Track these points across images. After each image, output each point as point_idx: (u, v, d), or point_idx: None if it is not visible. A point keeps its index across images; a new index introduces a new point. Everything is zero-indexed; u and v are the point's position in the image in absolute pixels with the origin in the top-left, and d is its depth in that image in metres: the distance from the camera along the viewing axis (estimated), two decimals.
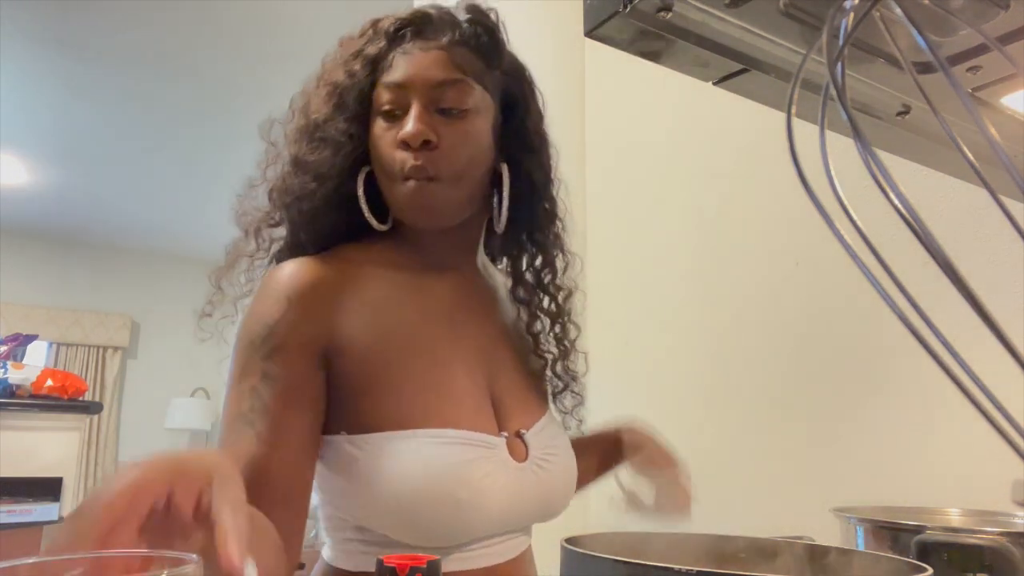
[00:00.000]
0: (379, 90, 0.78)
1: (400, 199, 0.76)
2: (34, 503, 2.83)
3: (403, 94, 0.76)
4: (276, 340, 0.71)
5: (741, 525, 1.36)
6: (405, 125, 0.74)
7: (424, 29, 0.78)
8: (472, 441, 0.73)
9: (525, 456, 0.79)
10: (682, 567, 0.39)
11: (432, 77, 0.75)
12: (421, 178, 0.74)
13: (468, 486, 0.70)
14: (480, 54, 0.79)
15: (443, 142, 0.75)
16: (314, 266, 0.75)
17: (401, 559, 0.46)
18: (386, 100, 0.77)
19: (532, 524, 0.83)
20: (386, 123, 0.77)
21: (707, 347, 1.51)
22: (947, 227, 1.08)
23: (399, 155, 0.75)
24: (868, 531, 0.75)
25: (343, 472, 0.72)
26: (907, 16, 0.39)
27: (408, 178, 0.75)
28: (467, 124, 0.76)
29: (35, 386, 2.92)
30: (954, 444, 1.05)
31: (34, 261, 5.94)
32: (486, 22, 0.81)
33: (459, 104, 0.76)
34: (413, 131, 0.73)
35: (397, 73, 0.76)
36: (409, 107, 0.75)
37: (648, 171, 1.72)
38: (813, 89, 0.46)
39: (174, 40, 3.17)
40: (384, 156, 0.76)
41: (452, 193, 0.77)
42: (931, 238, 0.31)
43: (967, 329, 0.36)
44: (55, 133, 4.15)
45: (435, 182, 0.75)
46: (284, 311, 0.72)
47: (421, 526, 0.70)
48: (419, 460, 0.69)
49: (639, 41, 0.49)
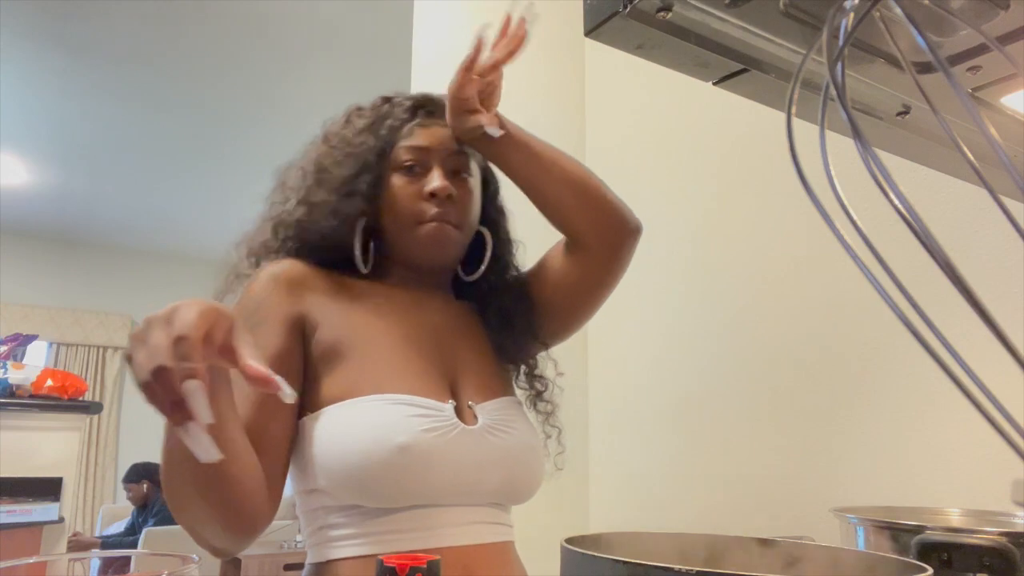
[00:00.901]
0: (398, 151, 0.92)
1: (421, 238, 0.90)
2: (34, 503, 2.83)
3: (425, 156, 0.91)
4: (263, 313, 0.83)
5: (741, 525, 1.36)
6: (431, 181, 0.90)
7: (435, 111, 0.95)
8: (417, 403, 0.80)
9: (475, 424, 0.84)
10: (682, 567, 0.38)
11: (450, 147, 0.92)
12: (443, 222, 0.89)
13: (409, 433, 0.77)
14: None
15: (459, 197, 0.91)
16: (301, 264, 0.89)
17: (401, 559, 0.46)
18: (408, 158, 0.91)
19: (497, 499, 0.85)
20: (406, 177, 0.91)
21: (707, 347, 1.51)
22: (947, 227, 1.09)
23: (423, 205, 0.90)
24: (868, 531, 0.75)
25: (307, 448, 0.80)
26: (907, 16, 0.39)
27: (432, 221, 0.89)
28: (471, 185, 0.94)
29: (35, 386, 2.92)
30: (954, 444, 1.05)
31: (34, 261, 5.94)
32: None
33: (466, 170, 0.94)
34: (443, 185, 0.89)
35: (420, 139, 0.92)
36: (429, 167, 0.91)
37: (648, 171, 1.72)
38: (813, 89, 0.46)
39: (174, 40, 3.17)
40: (407, 205, 0.90)
41: (461, 238, 0.93)
42: (931, 238, 0.31)
43: (967, 329, 0.36)
44: (55, 133, 4.15)
45: (451, 227, 0.90)
46: (272, 290, 0.85)
47: (373, 480, 0.76)
48: (365, 418, 0.78)
49: (639, 41, 0.49)
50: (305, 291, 0.87)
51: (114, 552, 0.42)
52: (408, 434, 0.77)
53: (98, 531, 4.80)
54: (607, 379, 1.74)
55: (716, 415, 1.46)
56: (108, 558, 0.44)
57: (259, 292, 0.85)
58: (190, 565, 0.36)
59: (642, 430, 1.63)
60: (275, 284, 0.86)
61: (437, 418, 0.80)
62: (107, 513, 4.97)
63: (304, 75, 3.35)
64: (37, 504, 2.84)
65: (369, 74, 3.26)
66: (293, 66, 3.30)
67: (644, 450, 1.61)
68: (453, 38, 1.78)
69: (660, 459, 1.57)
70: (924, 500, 1.01)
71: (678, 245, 1.61)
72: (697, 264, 1.57)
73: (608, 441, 1.70)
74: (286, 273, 0.87)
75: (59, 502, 2.91)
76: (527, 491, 0.89)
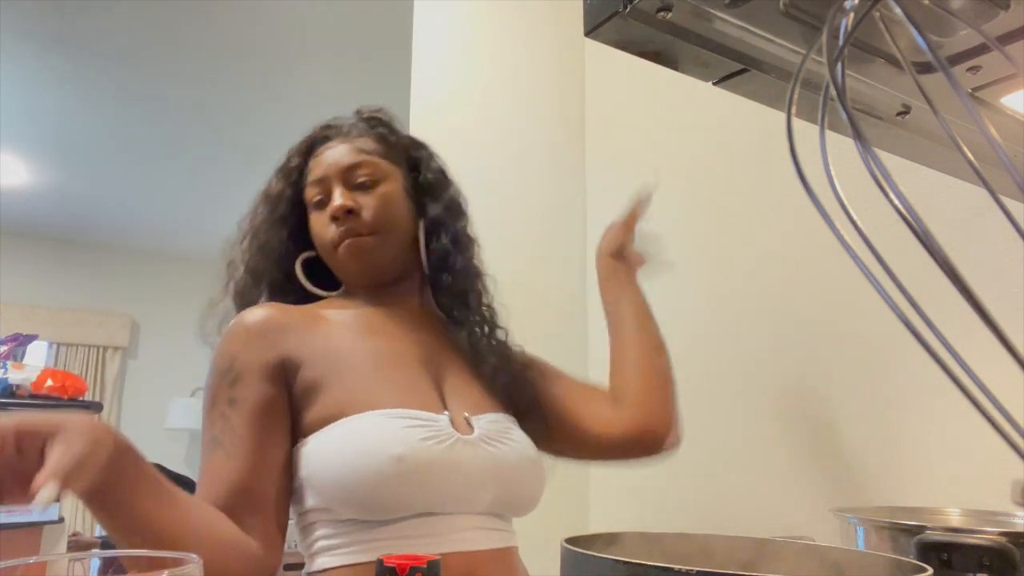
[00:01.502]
0: (307, 191, 0.95)
1: (340, 261, 0.92)
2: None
3: (325, 184, 0.93)
4: (238, 369, 0.82)
5: (741, 525, 1.36)
6: (331, 203, 0.91)
7: (329, 135, 0.97)
8: (412, 415, 0.80)
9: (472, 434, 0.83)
10: (682, 567, 0.39)
11: (343, 162, 0.93)
12: (351, 236, 0.90)
13: (404, 444, 0.76)
14: (377, 139, 0.97)
15: (364, 208, 0.91)
16: (271, 308, 0.89)
17: (401, 559, 0.46)
18: (314, 194, 0.94)
19: (496, 510, 0.84)
20: (318, 211, 0.94)
21: (706, 347, 1.51)
22: (947, 227, 1.08)
23: (331, 229, 0.91)
24: (868, 531, 0.75)
25: (302, 470, 0.80)
26: (907, 16, 0.39)
27: (341, 240, 0.90)
28: (379, 191, 0.93)
29: (35, 386, 2.92)
30: (954, 444, 1.05)
31: (34, 261, 5.93)
32: (377, 115, 1.01)
33: (369, 176, 0.93)
34: (338, 204, 0.90)
35: (316, 171, 0.94)
36: (331, 193, 0.92)
37: (648, 171, 1.72)
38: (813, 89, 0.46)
39: (174, 40, 3.17)
40: (321, 235, 0.93)
41: (380, 245, 0.92)
42: (931, 238, 0.31)
43: (967, 329, 0.36)
44: (55, 133, 4.15)
45: (363, 237, 0.90)
46: (244, 343, 0.84)
47: (370, 492, 0.75)
48: (359, 432, 0.77)
49: (639, 41, 0.49)
50: (280, 334, 0.85)
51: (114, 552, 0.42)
52: (404, 445, 0.76)
53: (98, 531, 4.80)
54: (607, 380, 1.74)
55: (716, 415, 1.46)
56: (108, 558, 0.44)
57: (231, 347, 0.84)
58: (190, 565, 0.36)
59: None
60: (247, 336, 0.84)
61: (433, 428, 0.79)
62: None
63: (305, 76, 3.35)
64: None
65: (369, 74, 3.26)
66: (294, 66, 3.30)
67: None
68: (453, 38, 1.79)
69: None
70: (924, 500, 1.00)
71: (678, 245, 1.61)
72: (696, 264, 1.57)
73: None
74: (257, 323, 0.86)
75: (59, 502, 2.91)
76: (527, 503, 0.87)
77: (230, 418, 0.80)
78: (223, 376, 0.82)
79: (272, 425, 0.81)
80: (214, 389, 0.83)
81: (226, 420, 0.80)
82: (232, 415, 0.80)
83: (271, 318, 0.86)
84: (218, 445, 0.79)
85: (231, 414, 0.80)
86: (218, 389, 0.82)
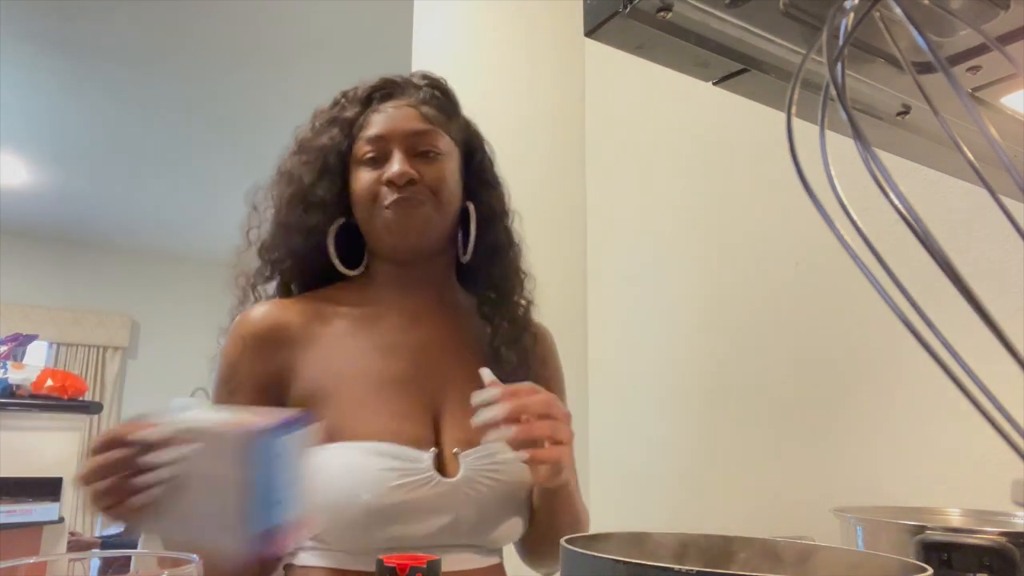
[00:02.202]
0: (359, 145, 0.89)
1: (384, 221, 0.86)
2: (34, 503, 2.83)
3: (383, 144, 0.88)
4: (237, 379, 0.83)
5: (741, 525, 1.36)
6: (390, 168, 0.85)
7: (393, 92, 0.92)
8: (394, 454, 0.78)
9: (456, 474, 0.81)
10: (682, 567, 0.38)
11: (409, 127, 0.88)
12: (404, 203, 0.85)
13: (373, 490, 0.75)
14: (441, 110, 0.92)
15: (424, 178, 0.86)
16: (274, 309, 0.87)
17: (401, 559, 0.46)
18: (367, 150, 0.88)
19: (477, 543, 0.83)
20: (368, 169, 0.88)
21: (706, 347, 1.51)
22: (947, 227, 1.08)
23: (383, 189, 0.86)
24: (868, 531, 0.75)
25: None
26: (907, 16, 0.39)
27: (392, 204, 0.85)
28: (441, 164, 0.89)
29: (35, 386, 2.92)
30: (954, 444, 1.05)
31: (34, 261, 5.93)
32: (441, 86, 0.96)
33: (434, 147, 0.89)
34: (399, 170, 0.85)
35: (375, 128, 0.88)
36: (390, 155, 0.87)
37: (648, 171, 1.72)
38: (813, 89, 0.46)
39: (174, 41, 3.17)
40: (367, 195, 0.87)
41: (436, 216, 0.88)
42: (931, 238, 0.31)
43: (967, 329, 0.36)
44: (55, 133, 4.15)
45: (419, 205, 0.86)
46: (241, 352, 0.84)
47: (340, 532, 0.76)
48: (335, 470, 0.76)
49: (639, 41, 0.49)
50: (277, 346, 0.84)
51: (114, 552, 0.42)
52: (374, 491, 0.75)
53: (98, 531, 4.79)
54: (607, 380, 1.74)
55: (716, 415, 1.46)
56: (108, 558, 0.44)
57: (231, 355, 0.85)
58: (190, 565, 0.36)
59: (642, 430, 1.63)
60: (244, 345, 0.84)
61: (411, 472, 0.78)
62: None
63: (305, 75, 3.35)
64: (37, 504, 2.84)
65: (369, 74, 3.26)
66: (294, 66, 3.30)
67: (644, 450, 1.61)
68: (453, 38, 1.78)
69: (660, 459, 1.57)
70: (924, 500, 1.00)
71: (678, 245, 1.61)
72: (696, 264, 1.57)
73: (608, 441, 1.70)
74: (255, 331, 0.85)
75: (59, 502, 2.91)
76: (503, 540, 0.86)
77: None
78: (224, 384, 0.85)
79: None
80: (216, 394, 0.85)
81: None
82: None
83: (272, 325, 0.85)
84: None
85: None
86: (219, 396, 0.85)
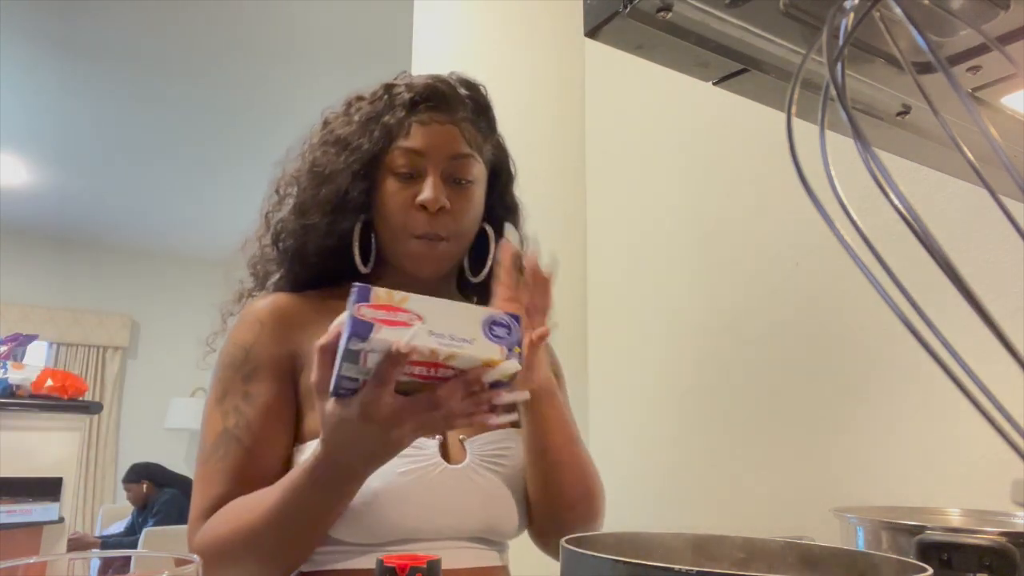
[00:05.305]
0: (395, 153, 0.85)
1: (411, 252, 0.85)
2: (34, 503, 2.83)
3: (420, 160, 0.85)
4: (254, 363, 0.81)
5: (741, 525, 1.36)
6: (424, 191, 0.83)
7: (439, 104, 0.87)
8: None
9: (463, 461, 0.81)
10: (682, 567, 0.38)
11: (450, 150, 0.85)
12: (433, 238, 0.84)
13: (382, 477, 0.73)
14: (480, 130, 0.90)
15: (453, 208, 0.84)
16: (285, 298, 0.86)
17: (401, 559, 0.46)
18: (402, 163, 0.85)
19: (483, 535, 0.83)
20: (400, 183, 0.85)
21: (707, 347, 1.51)
22: (947, 227, 1.08)
23: (414, 215, 0.84)
24: (868, 531, 0.75)
25: None
26: (907, 16, 0.39)
27: (422, 236, 0.84)
28: (471, 193, 0.87)
29: (35, 386, 2.92)
30: (954, 444, 1.05)
31: (34, 261, 5.93)
32: (483, 100, 0.93)
33: (467, 176, 0.86)
34: (433, 197, 0.82)
35: (416, 141, 0.85)
36: (424, 172, 0.84)
37: (648, 171, 1.72)
38: (813, 89, 0.46)
39: (175, 40, 3.17)
40: (397, 214, 0.85)
41: (454, 250, 0.87)
42: (931, 238, 0.31)
43: (967, 329, 0.36)
44: (55, 133, 4.15)
45: (442, 242, 0.85)
46: (258, 334, 0.82)
47: (346, 520, 0.75)
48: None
49: (639, 41, 0.49)
50: (292, 328, 0.83)
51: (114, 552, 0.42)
52: (381, 478, 0.74)
53: (98, 531, 4.80)
54: (606, 379, 1.74)
55: (716, 415, 1.46)
56: (108, 558, 0.44)
57: (245, 338, 0.82)
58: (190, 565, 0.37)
59: (642, 430, 1.63)
60: (260, 327, 0.82)
61: (416, 458, 0.78)
62: (107, 513, 4.98)
63: (305, 75, 3.35)
64: (37, 504, 2.83)
65: (370, 73, 3.25)
66: (294, 66, 3.30)
67: (644, 450, 1.61)
68: (453, 38, 1.78)
69: (660, 459, 1.57)
70: (924, 500, 1.00)
71: (678, 245, 1.61)
72: (697, 264, 1.57)
73: (608, 441, 1.70)
74: (271, 313, 0.83)
75: (59, 502, 2.90)
76: (510, 531, 0.86)
77: (246, 413, 0.79)
78: (237, 369, 0.81)
79: (287, 422, 0.81)
80: (226, 382, 0.81)
81: (241, 415, 0.79)
82: (248, 410, 0.79)
83: (283, 309, 0.84)
84: (234, 440, 0.78)
85: (246, 409, 0.79)
86: (231, 383, 0.81)
